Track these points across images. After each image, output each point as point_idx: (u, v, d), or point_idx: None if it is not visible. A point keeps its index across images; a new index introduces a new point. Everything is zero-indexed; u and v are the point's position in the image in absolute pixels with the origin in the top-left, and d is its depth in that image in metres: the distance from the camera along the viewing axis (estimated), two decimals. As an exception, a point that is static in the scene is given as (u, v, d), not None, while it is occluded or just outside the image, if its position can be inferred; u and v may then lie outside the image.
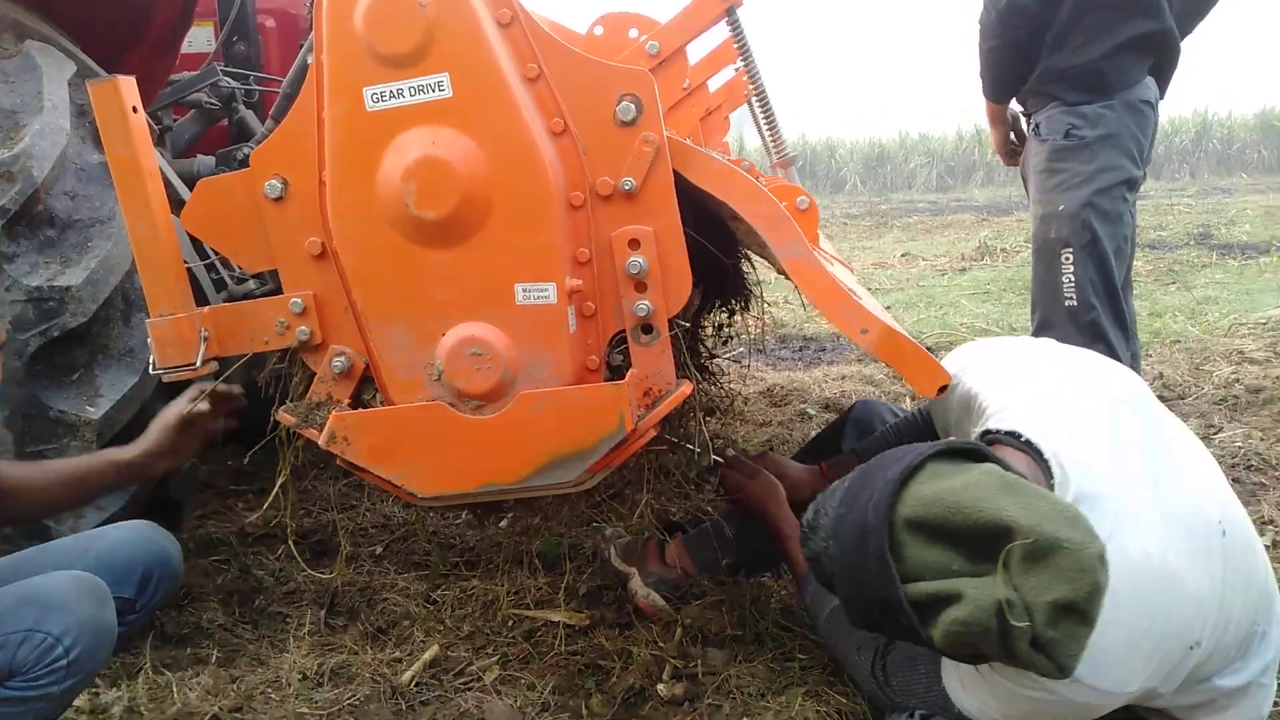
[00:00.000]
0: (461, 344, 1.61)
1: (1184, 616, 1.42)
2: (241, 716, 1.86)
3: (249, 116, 3.28)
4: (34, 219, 1.94)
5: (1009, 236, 9.24)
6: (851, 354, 5.04)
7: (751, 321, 2.94)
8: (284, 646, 2.13)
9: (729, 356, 3.61)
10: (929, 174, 18.05)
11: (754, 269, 2.78)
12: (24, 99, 2.00)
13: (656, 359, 1.68)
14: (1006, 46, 2.59)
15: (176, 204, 1.77)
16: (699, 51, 2.77)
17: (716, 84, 3.17)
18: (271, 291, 2.35)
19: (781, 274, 1.82)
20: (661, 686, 1.93)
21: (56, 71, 2.07)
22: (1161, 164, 16.93)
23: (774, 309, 5.78)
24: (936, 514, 1.27)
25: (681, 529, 2.34)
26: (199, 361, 1.61)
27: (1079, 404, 1.59)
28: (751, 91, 3.44)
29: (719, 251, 1.93)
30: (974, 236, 9.44)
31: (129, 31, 2.59)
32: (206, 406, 1.70)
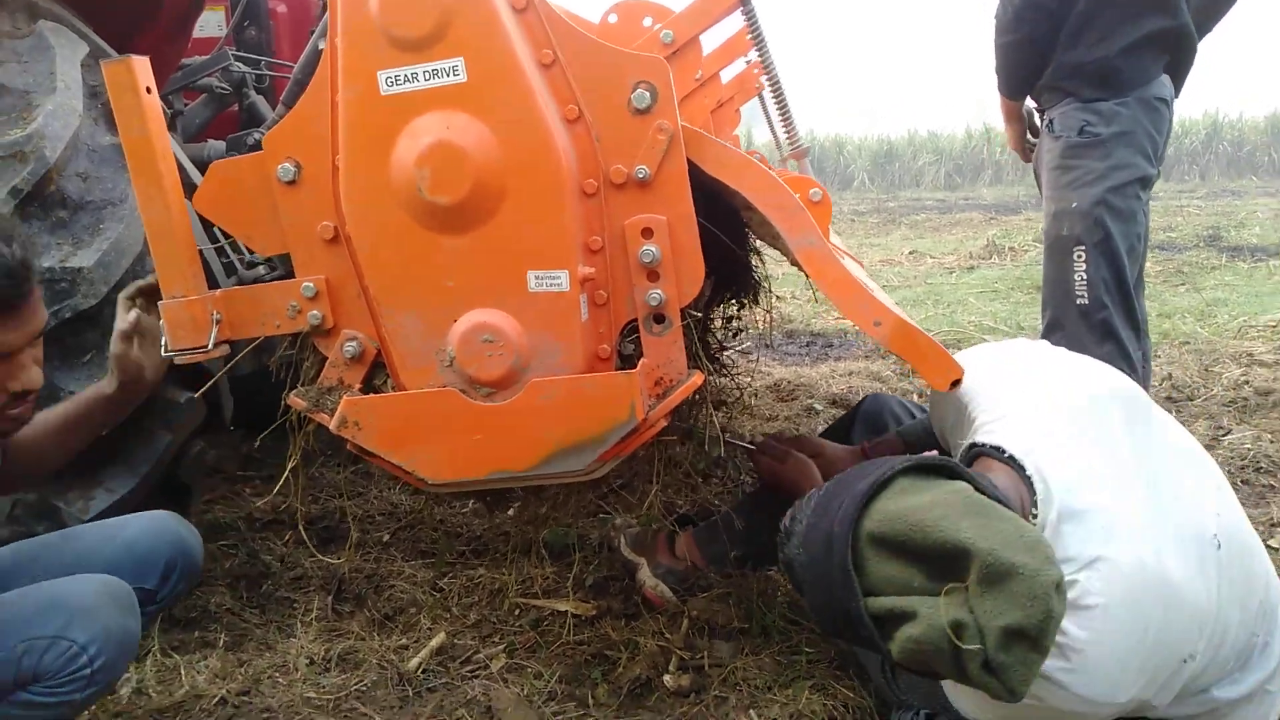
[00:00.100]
0: (473, 330, 1.61)
1: (1179, 629, 1.41)
2: (249, 700, 1.86)
3: (260, 102, 3.28)
4: (46, 200, 1.94)
5: (1017, 235, 9.21)
6: (859, 350, 5.03)
7: (759, 315, 2.94)
8: (291, 631, 2.14)
9: (736, 350, 3.60)
10: (937, 172, 18.00)
11: (762, 263, 2.77)
12: (37, 79, 2.00)
13: (668, 349, 1.67)
14: (1023, 42, 2.57)
15: (188, 188, 1.77)
16: (711, 42, 2.77)
17: (728, 76, 3.16)
18: (281, 276, 2.35)
19: (795, 265, 1.81)
20: (668, 678, 1.93)
21: (69, 52, 2.06)
22: (1171, 165, 16.87)
23: (781, 304, 5.77)
24: (899, 531, 1.29)
25: (691, 521, 2.33)
26: (210, 344, 1.60)
27: (1070, 416, 1.58)
28: (764, 84, 3.44)
29: (735, 241, 1.93)
30: (982, 235, 9.42)
31: (141, 14, 2.58)
32: (133, 313, 1.65)
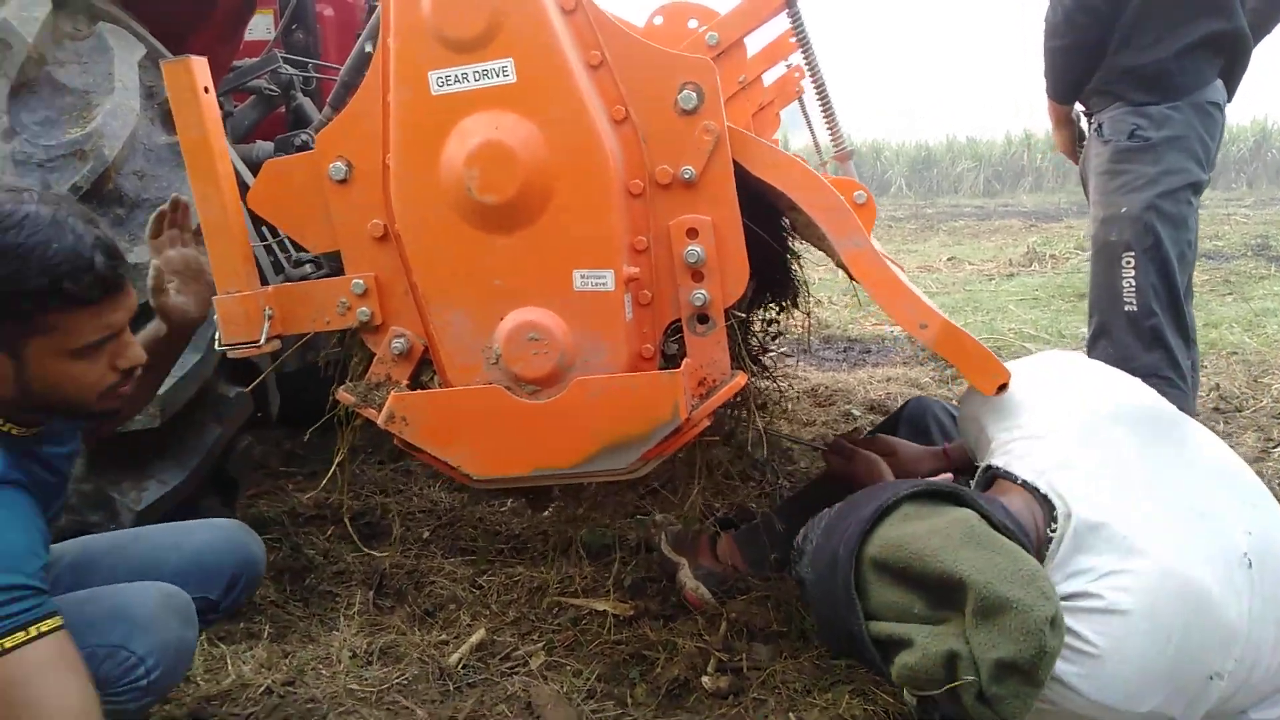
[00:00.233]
0: (519, 329, 1.62)
1: (1204, 643, 1.39)
2: (294, 690, 1.89)
3: (306, 104, 3.33)
4: (104, 197, 1.99)
5: (1058, 243, 9.08)
6: (896, 356, 4.99)
7: (797, 320, 2.93)
8: (334, 624, 2.16)
9: (773, 354, 3.59)
10: (976, 178, 17.79)
11: (800, 267, 2.77)
12: (96, 80, 2.05)
13: (712, 349, 1.67)
14: (1073, 46, 2.54)
15: (240, 188, 1.80)
16: (754, 46, 2.76)
17: (769, 79, 3.16)
18: (328, 274, 2.39)
19: (840, 267, 1.81)
20: (706, 679, 1.93)
21: (127, 53, 2.11)
22: (1219, 173, 16.51)
23: (819, 309, 5.74)
24: (900, 558, 1.32)
25: (732, 524, 2.33)
26: (263, 338, 1.63)
27: (1089, 433, 1.57)
28: (808, 86, 3.43)
29: (773, 247, 1.92)
30: (1022, 242, 9.30)
31: (195, 16, 2.64)
32: (153, 265, 1.62)
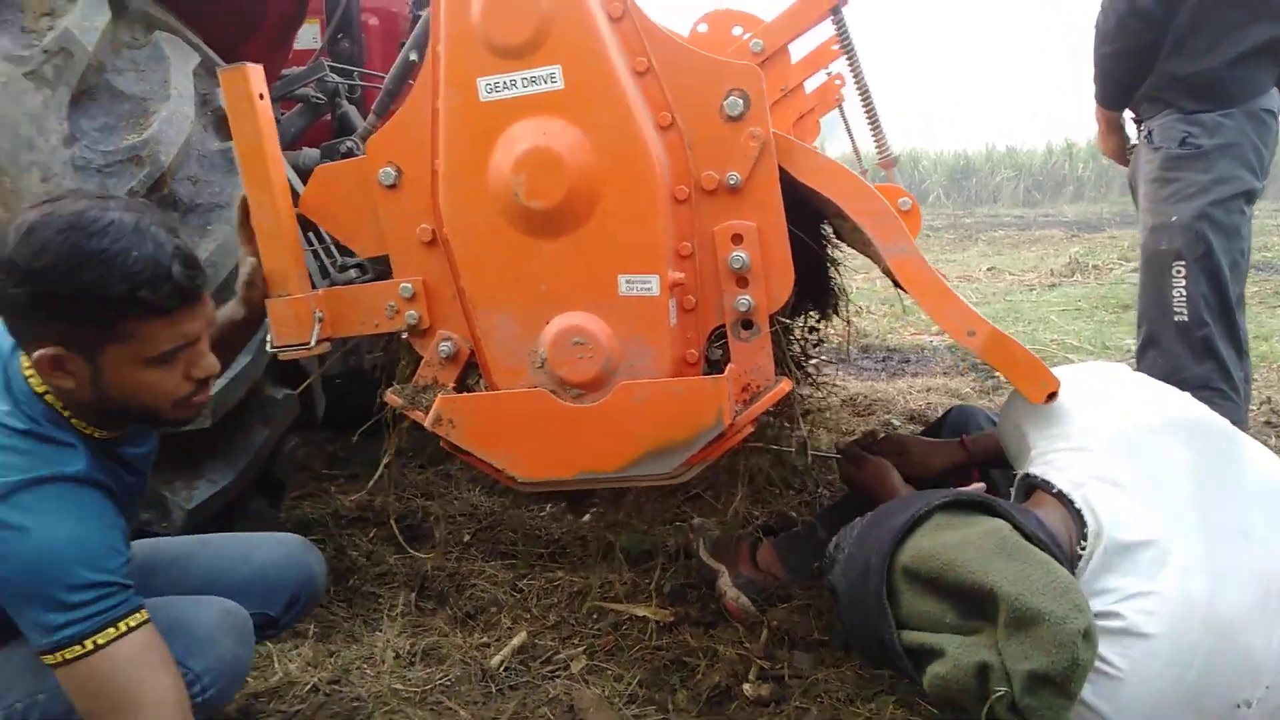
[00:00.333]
0: (565, 333, 1.63)
1: (1230, 670, 1.37)
2: (339, 689, 1.92)
3: (351, 111, 3.38)
4: (160, 202, 2.02)
5: (1101, 253, 8.94)
6: (937, 366, 4.94)
7: (835, 328, 2.91)
8: (377, 625, 2.19)
9: (814, 362, 3.58)
10: (1015, 188, 17.57)
11: (839, 275, 2.75)
12: (152, 87, 2.09)
13: (756, 354, 1.67)
14: (1125, 52, 2.50)
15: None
16: (796, 53, 2.76)
17: (809, 86, 3.15)
18: (373, 279, 2.42)
19: (886, 274, 1.80)
20: (748, 686, 1.92)
21: (182, 62, 2.16)
22: (1271, 182, 16.16)
23: (857, 318, 5.71)
24: (932, 568, 1.32)
25: (771, 531, 2.32)
26: (313, 341, 1.66)
27: (1131, 446, 1.55)
28: (851, 94, 3.41)
29: (812, 253, 1.92)
30: (1064, 252, 9.17)
31: (246, 25, 2.70)
32: (250, 261, 1.65)
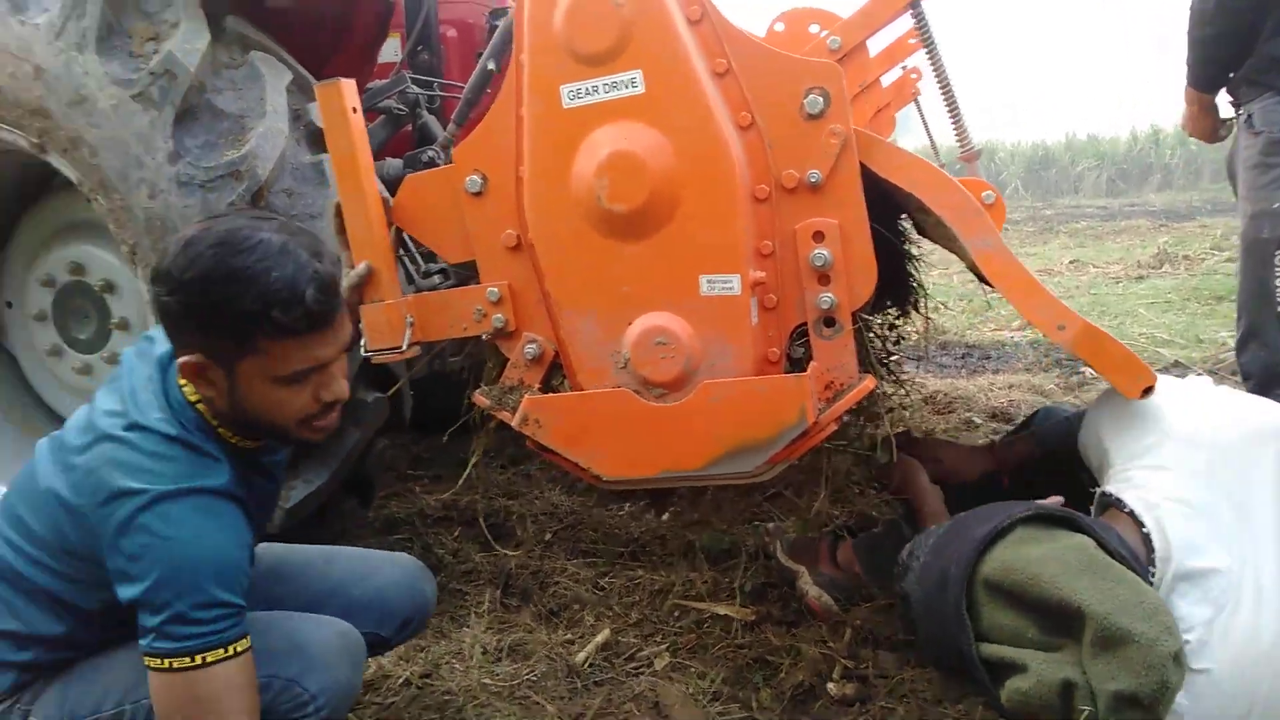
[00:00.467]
0: (647, 333, 1.65)
1: None
2: (431, 682, 1.97)
3: (431, 121, 3.46)
4: (256, 215, 2.12)
5: (1192, 243, 8.59)
6: (1019, 362, 4.82)
7: (913, 324, 2.87)
8: (464, 622, 2.24)
9: (895, 359, 3.54)
10: (1098, 178, 16.98)
11: (917, 270, 2.72)
12: (249, 105, 2.19)
13: (839, 352, 1.67)
14: (1225, 34, 2.41)
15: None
16: (872, 49, 2.73)
17: (885, 81, 3.12)
18: (455, 284, 2.48)
19: (971, 269, 1.78)
20: (832, 685, 1.91)
21: (276, 79, 2.25)
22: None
23: (935, 314, 5.60)
24: (1015, 582, 1.31)
25: (850, 531, 2.31)
26: (405, 345, 1.72)
27: (1210, 465, 1.51)
28: (918, 91, 3.36)
29: (890, 249, 1.90)
30: (1151, 243, 8.83)
31: (333, 42, 2.80)
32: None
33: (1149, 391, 1.57)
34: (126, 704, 1.39)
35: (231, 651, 1.28)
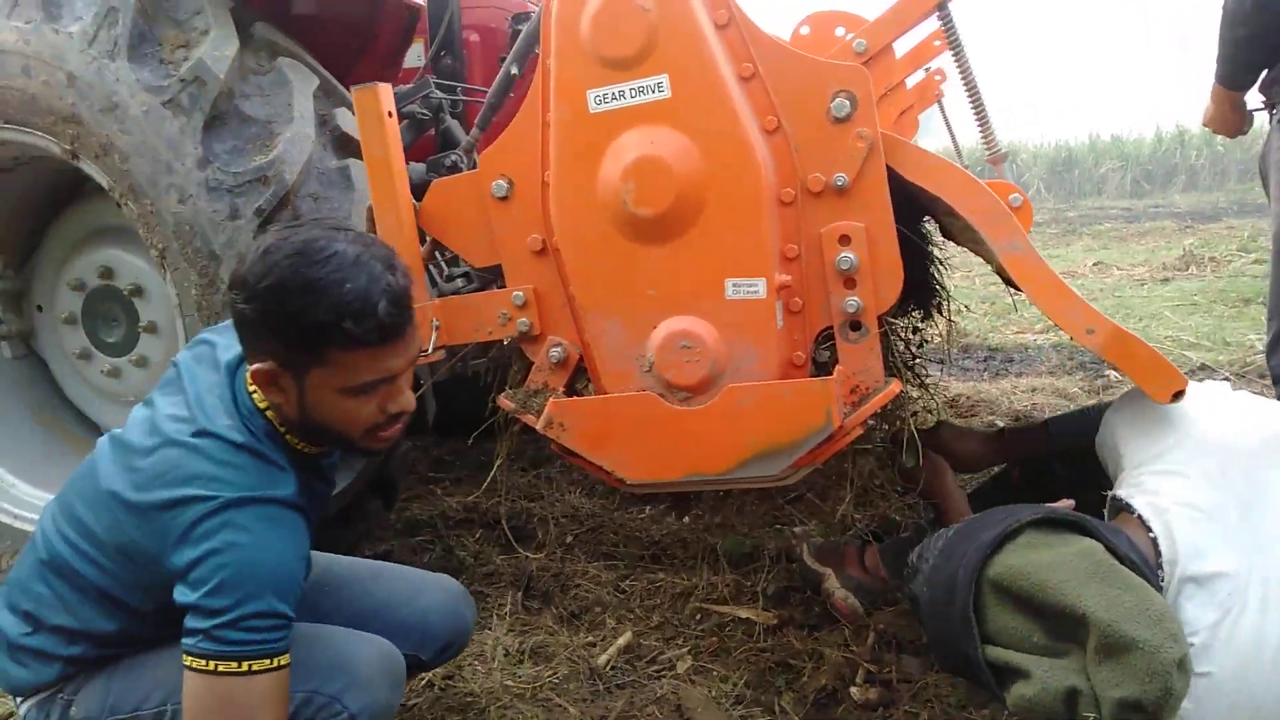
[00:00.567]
0: (672, 337, 1.66)
1: None
2: (453, 684, 1.98)
3: (454, 126, 3.49)
4: (283, 219, 2.14)
5: (1219, 244, 8.49)
6: (1042, 365, 4.79)
7: (934, 327, 2.85)
8: (486, 623, 2.25)
9: (920, 362, 3.53)
10: (1122, 178, 16.82)
11: (940, 272, 2.70)
12: (277, 110, 2.21)
13: (865, 356, 1.67)
14: (1260, 34, 2.37)
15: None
16: (898, 50, 2.72)
17: (908, 83, 3.10)
18: (478, 288, 2.49)
19: (998, 272, 1.77)
20: (855, 690, 1.91)
21: (304, 85, 2.27)
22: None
23: (957, 317, 5.57)
24: (1022, 586, 1.30)
25: (876, 536, 2.30)
26: (431, 348, 1.73)
27: (1223, 467, 1.50)
28: (941, 93, 3.34)
29: (914, 251, 1.90)
30: (1177, 244, 8.74)
31: (359, 48, 2.82)
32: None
33: (1179, 396, 1.55)
34: (169, 704, 1.39)
35: (275, 664, 1.28)
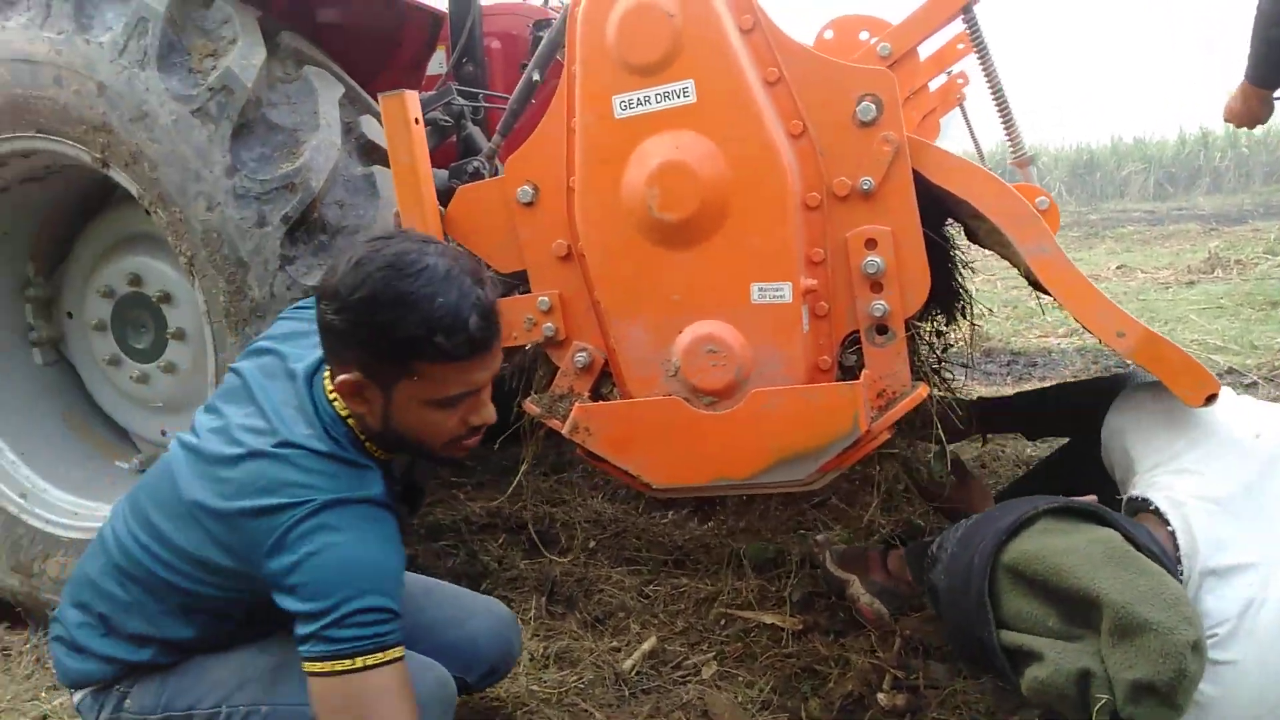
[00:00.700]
0: (698, 341, 1.66)
1: None
2: (479, 689, 1.99)
3: (475, 132, 3.50)
4: (310, 225, 2.16)
5: (1244, 247, 8.38)
6: (1065, 369, 4.75)
7: (957, 331, 2.84)
8: (511, 628, 2.25)
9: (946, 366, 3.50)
10: (1145, 181, 16.65)
11: (963, 276, 2.69)
12: (303, 118, 2.23)
13: (891, 360, 1.66)
14: None
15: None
16: (922, 53, 2.71)
17: (930, 86, 3.09)
18: (502, 294, 2.50)
19: (1025, 276, 1.76)
20: (882, 696, 1.89)
21: (329, 93, 2.29)
22: None
23: (979, 320, 5.54)
24: (1036, 570, 1.32)
25: (901, 541, 2.28)
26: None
27: (1242, 463, 1.51)
28: (964, 96, 3.32)
29: (938, 256, 1.88)
30: (1202, 247, 8.64)
31: (383, 55, 2.84)
32: None
33: (1212, 399, 1.54)
34: (224, 706, 1.40)
35: (390, 657, 1.28)
